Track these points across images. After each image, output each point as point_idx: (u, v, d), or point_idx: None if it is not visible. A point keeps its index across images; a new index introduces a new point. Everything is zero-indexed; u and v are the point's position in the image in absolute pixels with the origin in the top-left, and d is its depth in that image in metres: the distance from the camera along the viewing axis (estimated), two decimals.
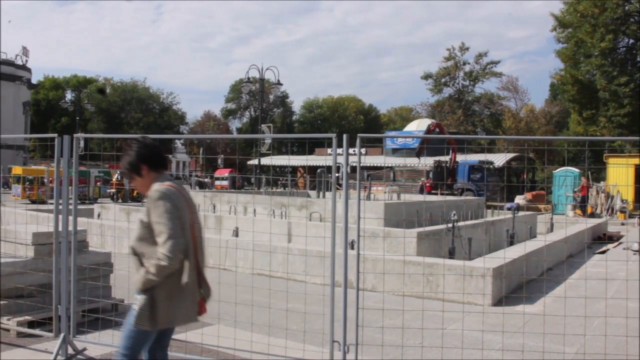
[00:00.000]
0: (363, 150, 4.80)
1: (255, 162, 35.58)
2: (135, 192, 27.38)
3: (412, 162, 35.92)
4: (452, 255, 9.70)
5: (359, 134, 4.85)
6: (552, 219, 16.74)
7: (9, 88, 51.49)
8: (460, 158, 32.52)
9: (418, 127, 47.49)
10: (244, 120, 77.75)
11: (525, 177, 41.65)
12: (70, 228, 5.15)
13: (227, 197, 14.33)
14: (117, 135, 30.40)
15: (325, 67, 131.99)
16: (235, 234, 11.14)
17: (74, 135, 5.33)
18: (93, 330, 5.38)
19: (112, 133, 59.61)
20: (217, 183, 40.76)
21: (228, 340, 5.13)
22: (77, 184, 5.25)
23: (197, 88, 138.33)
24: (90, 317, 5.56)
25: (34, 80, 60.48)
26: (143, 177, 3.31)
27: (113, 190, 27.66)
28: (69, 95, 62.64)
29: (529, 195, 29.49)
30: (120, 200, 25.71)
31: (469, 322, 6.21)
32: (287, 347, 4.99)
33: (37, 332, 5.44)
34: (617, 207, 24.61)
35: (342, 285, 4.61)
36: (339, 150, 4.71)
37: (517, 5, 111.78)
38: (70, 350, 4.88)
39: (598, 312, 6.48)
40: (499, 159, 37.73)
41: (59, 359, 4.77)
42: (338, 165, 4.81)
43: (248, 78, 29.61)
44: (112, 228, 11.62)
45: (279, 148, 53.21)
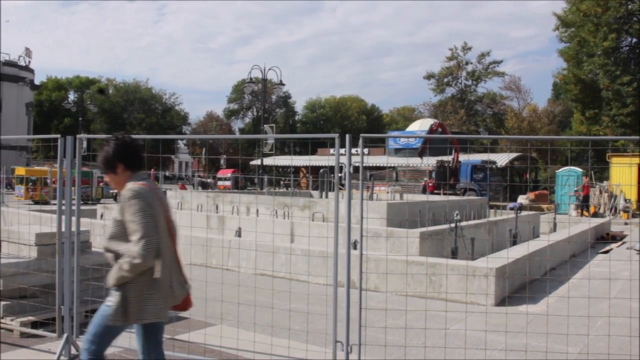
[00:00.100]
0: (366, 151, 4.80)
1: (258, 162, 35.60)
2: None
3: (414, 162, 35.93)
4: (454, 255, 9.68)
5: (362, 134, 4.85)
6: (555, 219, 16.72)
7: (12, 89, 51.53)
8: (463, 158, 32.49)
9: (420, 127, 47.50)
10: (247, 121, 77.76)
11: (528, 176, 41.55)
12: (73, 229, 5.16)
13: (229, 197, 14.33)
14: None
15: (328, 67, 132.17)
16: (238, 234, 11.16)
17: (77, 136, 5.34)
18: None
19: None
20: (219, 183, 40.71)
21: (231, 341, 5.14)
22: (79, 185, 5.26)
23: (199, 88, 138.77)
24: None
25: (37, 81, 60.51)
26: (118, 174, 3.35)
27: (115, 191, 27.63)
28: (72, 96, 62.86)
29: (532, 195, 29.41)
30: None
31: (472, 322, 6.21)
32: (289, 347, 4.99)
33: (40, 332, 5.45)
34: (620, 206, 24.55)
35: (344, 286, 4.61)
36: (342, 151, 4.72)
37: (519, 5, 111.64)
38: (74, 351, 4.89)
39: (601, 312, 6.46)
40: (502, 159, 37.70)
41: (62, 359, 4.77)
42: (341, 166, 4.81)
43: (250, 78, 29.62)
44: None
45: (282, 148, 53.24)
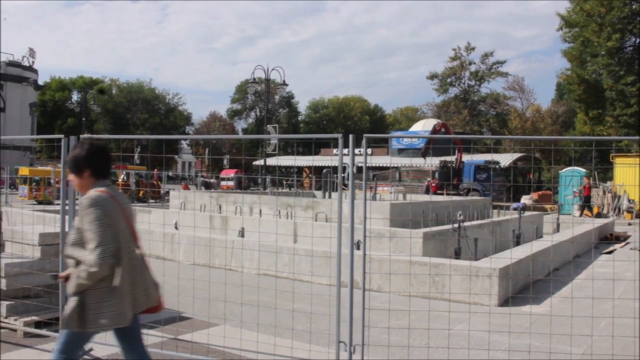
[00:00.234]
0: (369, 151, 4.80)
1: (261, 162, 35.61)
2: (142, 192, 27.44)
3: (418, 162, 35.91)
4: (458, 256, 9.67)
5: (365, 134, 4.85)
6: (558, 219, 16.68)
7: (16, 89, 51.71)
8: (466, 158, 32.43)
9: (424, 127, 47.47)
10: (250, 121, 77.82)
11: (532, 177, 41.50)
12: None
13: (233, 197, 14.34)
14: (123, 136, 30.59)
15: (331, 67, 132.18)
16: (241, 235, 11.16)
17: (80, 136, 5.34)
18: None
19: (118, 134, 59.84)
20: (222, 183, 40.73)
21: (234, 341, 5.14)
22: None
23: (202, 89, 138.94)
24: None
25: (41, 82, 60.70)
26: (83, 178, 3.35)
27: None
28: (75, 96, 63.03)
29: (535, 195, 29.37)
30: None
31: (475, 322, 6.20)
32: (293, 347, 4.99)
33: (43, 332, 5.47)
34: (624, 207, 24.48)
35: (348, 286, 4.61)
36: (345, 151, 4.71)
37: (523, 5, 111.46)
38: None
39: (605, 312, 6.44)
40: (505, 159, 37.63)
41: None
42: (344, 166, 4.81)
43: (254, 78, 29.65)
44: None
45: (285, 148, 53.30)
